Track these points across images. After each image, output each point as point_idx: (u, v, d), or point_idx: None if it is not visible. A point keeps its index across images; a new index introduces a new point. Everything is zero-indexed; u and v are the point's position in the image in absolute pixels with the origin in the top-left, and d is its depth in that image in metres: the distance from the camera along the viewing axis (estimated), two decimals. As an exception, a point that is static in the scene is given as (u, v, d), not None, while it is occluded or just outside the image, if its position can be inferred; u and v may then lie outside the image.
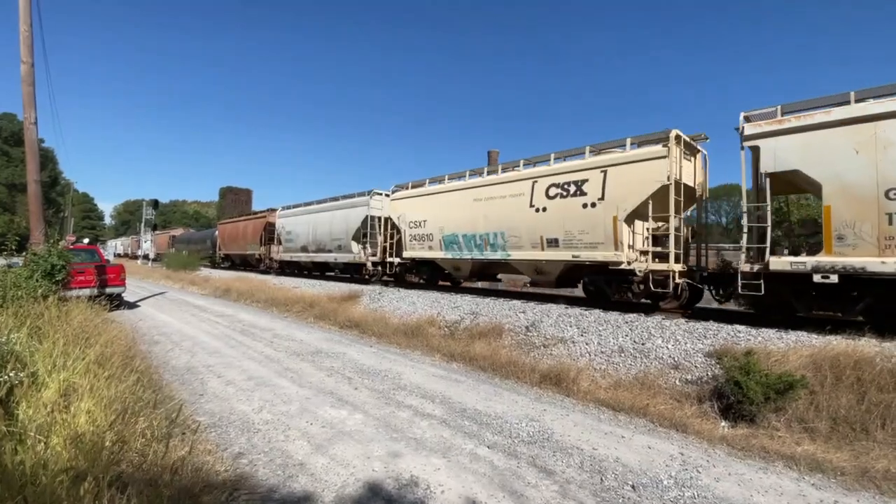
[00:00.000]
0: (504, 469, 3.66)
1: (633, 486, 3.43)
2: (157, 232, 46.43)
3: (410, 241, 13.89)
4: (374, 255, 16.04)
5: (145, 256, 41.35)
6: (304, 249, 19.83)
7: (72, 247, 12.66)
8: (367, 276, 16.38)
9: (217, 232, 31.08)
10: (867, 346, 5.21)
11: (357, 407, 5.04)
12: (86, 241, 18.35)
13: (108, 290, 11.86)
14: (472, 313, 9.37)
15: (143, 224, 43.38)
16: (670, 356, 6.13)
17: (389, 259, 15.52)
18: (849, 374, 4.74)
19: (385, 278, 16.12)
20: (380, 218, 16.03)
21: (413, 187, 14.48)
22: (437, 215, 12.96)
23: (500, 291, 14.51)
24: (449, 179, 13.15)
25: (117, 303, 12.42)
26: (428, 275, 14.53)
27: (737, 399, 4.82)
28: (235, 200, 75.18)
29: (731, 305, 8.96)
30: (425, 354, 7.79)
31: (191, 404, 4.97)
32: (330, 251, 18.19)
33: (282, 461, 3.70)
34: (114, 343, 6.12)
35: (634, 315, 7.88)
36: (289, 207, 22.13)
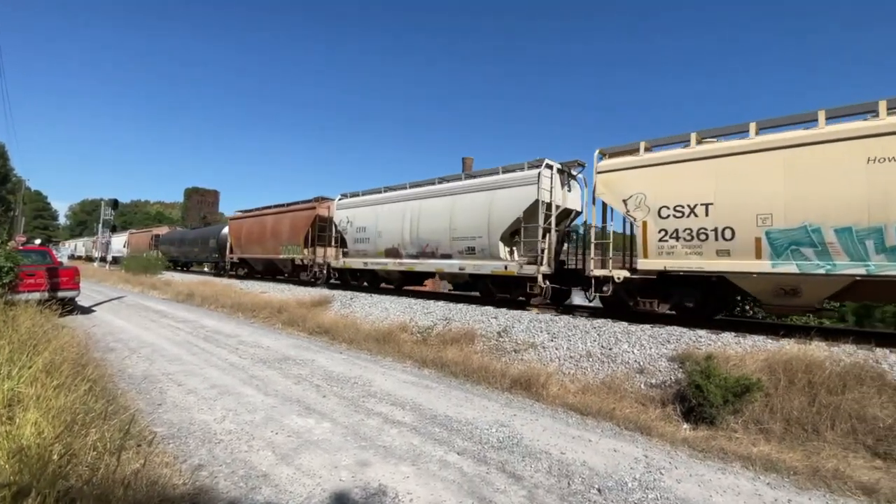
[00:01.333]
0: (473, 475, 3.65)
1: (598, 490, 3.49)
2: (133, 231, 42.43)
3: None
4: (536, 262, 9.91)
5: (102, 259, 39.32)
6: (393, 253, 13.35)
7: (21, 248, 11.93)
8: (530, 299, 10.33)
9: (226, 230, 23.85)
10: (817, 350, 5.50)
11: (325, 415, 4.94)
12: (37, 241, 17.36)
13: (61, 294, 11.21)
14: (444, 319, 9.36)
15: (100, 225, 41.13)
16: (636, 360, 6.30)
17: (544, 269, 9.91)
18: (801, 378, 4.98)
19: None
20: (548, 204, 10.12)
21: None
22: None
23: (474, 298, 14.55)
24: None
25: (70, 307, 11.74)
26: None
27: (698, 402, 4.99)
28: (201, 202, 72.88)
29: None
30: (397, 361, 7.72)
31: (148, 414, 4.75)
32: (449, 256, 11.69)
33: (244, 472, 3.57)
34: (65, 350, 5.78)
35: (602, 321, 8.05)
36: (356, 194, 15.36)
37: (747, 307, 12.38)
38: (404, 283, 14.98)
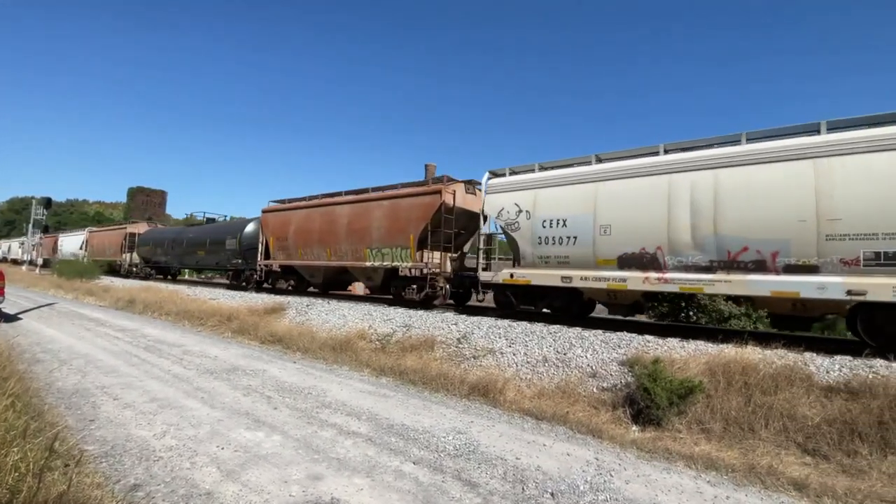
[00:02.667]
0: (429, 485, 3.61)
1: (552, 494, 3.54)
2: (94, 229, 33.85)
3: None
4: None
5: (31, 262, 36.15)
6: (648, 263, 7.86)
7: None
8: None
9: (252, 226, 17.95)
10: (752, 353, 5.87)
11: (275, 428, 4.74)
12: None
13: (-20, 301, 10.16)
14: (404, 326, 9.27)
15: (31, 225, 37.79)
16: (589, 365, 6.49)
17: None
18: (738, 379, 5.31)
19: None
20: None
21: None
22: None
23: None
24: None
25: (-9, 316, 10.70)
26: None
27: (646, 404, 5.20)
28: (147, 202, 68.91)
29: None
30: (354, 369, 7.55)
31: (78, 431, 4.38)
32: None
33: (185, 492, 3.35)
34: (-19, 363, 5.25)
35: (558, 326, 8.25)
36: (531, 169, 10.13)
37: (691, 313, 13.08)
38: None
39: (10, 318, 11.77)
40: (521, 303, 10.18)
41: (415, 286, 11.84)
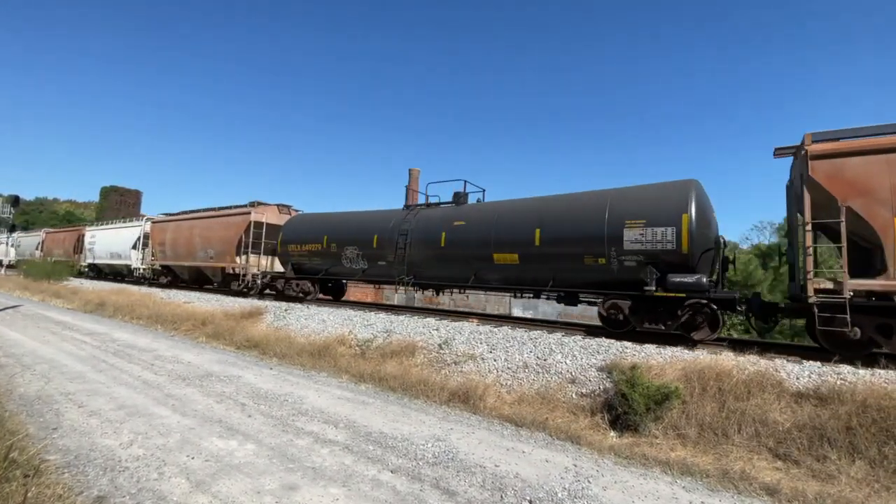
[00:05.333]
0: (406, 494, 3.56)
1: (530, 501, 3.53)
2: (162, 219, 20.77)
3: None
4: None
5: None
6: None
7: None
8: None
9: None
10: (726, 360, 6.00)
11: (249, 436, 4.61)
12: None
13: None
14: (385, 331, 9.17)
15: (-5, 224, 36.26)
16: (568, 371, 6.52)
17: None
18: (712, 385, 5.40)
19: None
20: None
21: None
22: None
23: (417, 308, 14.47)
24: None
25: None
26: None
27: (623, 410, 5.25)
28: (121, 202, 66.82)
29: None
30: (332, 376, 7.42)
31: (40, 440, 4.19)
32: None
33: (152, 503, 3.22)
34: (-65, 369, 4.97)
35: (538, 332, 8.28)
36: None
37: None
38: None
39: (-30, 321, 11.23)
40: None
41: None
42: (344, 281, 14.93)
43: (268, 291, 15.99)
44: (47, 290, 19.40)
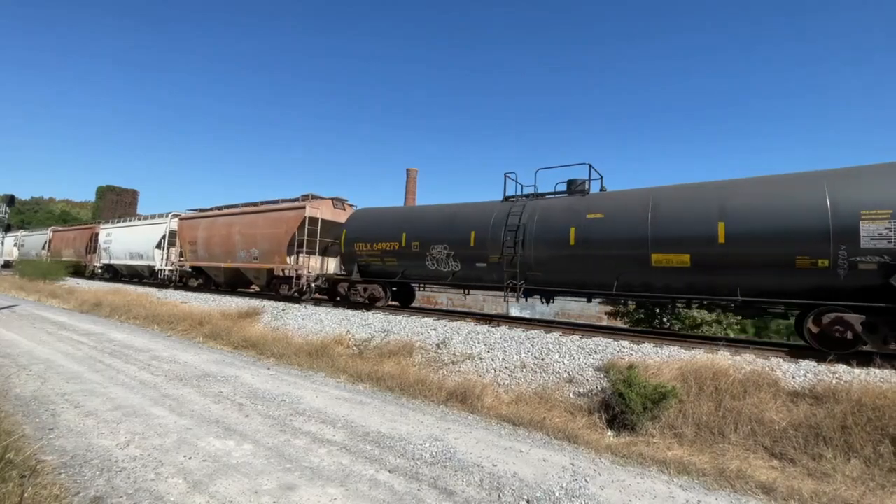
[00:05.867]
0: (404, 493, 3.56)
1: (528, 501, 3.54)
2: (191, 214, 18.98)
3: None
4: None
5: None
6: None
7: None
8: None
9: None
10: (723, 359, 6.02)
11: (247, 436, 4.60)
12: None
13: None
14: (383, 331, 9.17)
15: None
16: (566, 370, 6.54)
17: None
18: (709, 385, 5.43)
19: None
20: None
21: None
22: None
23: (415, 308, 14.46)
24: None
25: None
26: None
27: (621, 409, 5.26)
28: (117, 202, 66.57)
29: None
30: (330, 376, 7.42)
31: (35, 441, 4.16)
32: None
33: (149, 504, 3.22)
34: (-71, 370, 4.95)
35: (536, 332, 8.30)
36: None
37: (665, 319, 13.37)
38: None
39: (-35, 322, 11.17)
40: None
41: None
42: (413, 285, 13.21)
43: (317, 296, 14.56)
44: (43, 290, 19.31)
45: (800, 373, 5.58)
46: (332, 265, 15.01)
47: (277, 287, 14.61)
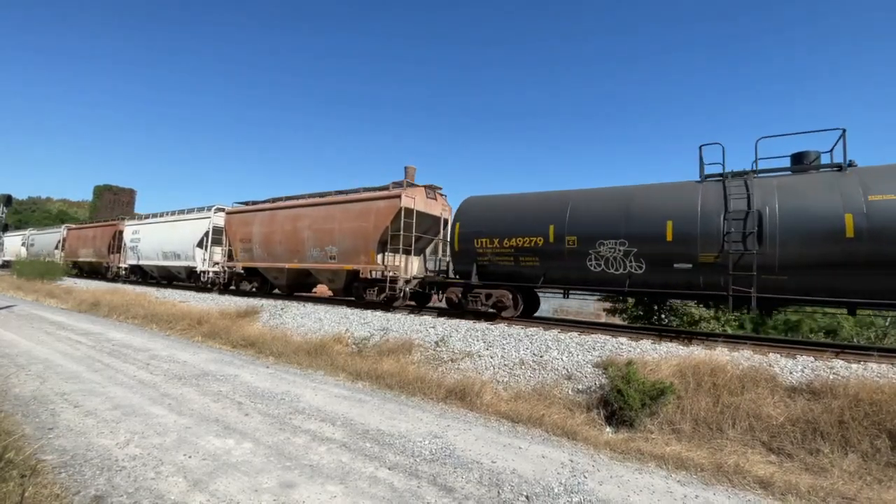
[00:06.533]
0: (404, 490, 3.57)
1: (527, 497, 3.55)
2: (241, 208, 16.48)
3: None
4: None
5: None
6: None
7: None
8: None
9: None
10: (721, 355, 6.05)
11: (246, 435, 4.61)
12: None
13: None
14: (382, 329, 9.18)
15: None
16: (564, 367, 6.56)
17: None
18: (707, 380, 5.45)
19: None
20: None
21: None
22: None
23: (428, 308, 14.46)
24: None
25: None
26: None
27: (619, 406, 5.28)
28: (115, 201, 66.40)
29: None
30: (329, 374, 7.43)
31: (35, 440, 4.16)
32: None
33: (150, 502, 3.22)
34: (-72, 370, 4.94)
35: (535, 329, 8.32)
36: None
37: (663, 315, 13.42)
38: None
39: (-37, 322, 11.15)
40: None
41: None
42: (551, 292, 10.31)
43: (410, 302, 12.46)
44: (41, 290, 19.27)
45: (797, 368, 5.61)
46: (416, 265, 12.49)
47: (362, 291, 12.32)
